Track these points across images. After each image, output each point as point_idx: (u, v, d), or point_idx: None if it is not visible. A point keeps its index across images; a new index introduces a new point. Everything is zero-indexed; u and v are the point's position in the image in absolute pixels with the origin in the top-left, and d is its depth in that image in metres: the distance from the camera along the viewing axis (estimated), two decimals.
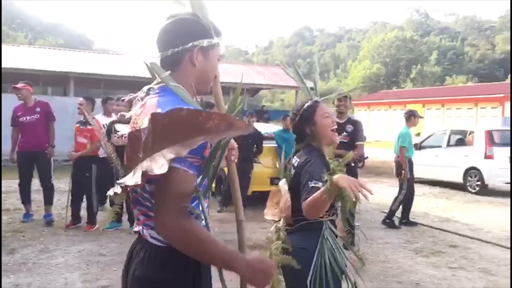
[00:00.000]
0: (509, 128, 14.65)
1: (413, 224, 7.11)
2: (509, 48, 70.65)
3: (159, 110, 1.36)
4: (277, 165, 8.15)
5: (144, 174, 1.23)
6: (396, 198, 7.14)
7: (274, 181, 8.24)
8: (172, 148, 1.23)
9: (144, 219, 1.48)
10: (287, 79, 18.84)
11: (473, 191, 10.59)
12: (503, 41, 72.89)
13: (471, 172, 10.77)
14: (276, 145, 8.34)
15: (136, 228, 1.54)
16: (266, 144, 8.29)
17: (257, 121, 13.28)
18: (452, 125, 19.33)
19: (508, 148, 10.58)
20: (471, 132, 11.35)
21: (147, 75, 1.62)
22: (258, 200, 8.32)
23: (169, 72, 1.50)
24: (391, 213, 7.07)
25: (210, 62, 1.58)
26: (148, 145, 1.27)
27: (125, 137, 1.55)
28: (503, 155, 10.37)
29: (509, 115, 28.11)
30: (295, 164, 2.41)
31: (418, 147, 11.17)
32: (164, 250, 1.43)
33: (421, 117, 7.55)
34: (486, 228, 7.03)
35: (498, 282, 4.62)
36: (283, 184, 2.41)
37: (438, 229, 6.94)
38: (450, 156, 11.29)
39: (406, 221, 7.12)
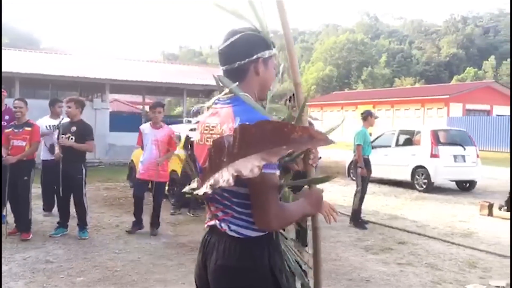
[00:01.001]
0: (453, 128, 15.29)
1: (364, 222, 7.27)
2: (453, 50, 73.81)
3: (237, 119, 1.57)
4: None
5: (234, 177, 1.38)
6: (355, 197, 7.28)
7: None
8: (260, 155, 1.39)
9: (223, 215, 1.67)
10: None
11: (420, 189, 10.99)
12: (447, 45, 76.04)
13: (419, 170, 11.17)
14: None
15: (211, 223, 1.73)
16: None
17: None
18: (401, 125, 19.98)
19: (452, 147, 11.07)
20: (418, 132, 11.77)
21: (97, 75, 1.62)
22: None
23: (237, 83, 1.68)
24: (356, 212, 7.19)
25: (270, 70, 1.81)
26: (233, 151, 1.43)
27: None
28: (448, 154, 10.85)
29: (453, 115, 29.42)
30: None
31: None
32: (243, 241, 1.63)
33: (377, 117, 7.76)
34: (432, 225, 7.31)
35: (444, 276, 4.81)
36: None
37: (388, 226, 7.15)
38: (398, 156, 11.67)
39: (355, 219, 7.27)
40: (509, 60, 62.39)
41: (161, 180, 6.39)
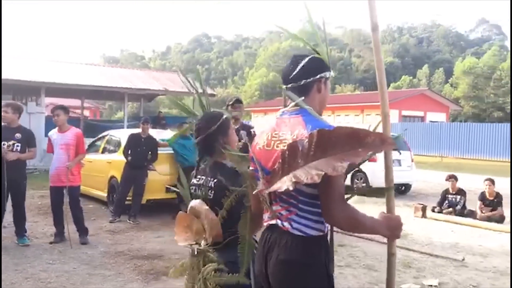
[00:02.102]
0: (390, 133, 15.89)
1: None
2: (390, 59, 76.84)
3: (309, 126, 1.80)
4: (176, 173, 8.00)
5: (319, 175, 1.59)
6: None
7: (169, 189, 8.08)
8: (340, 156, 1.60)
9: (287, 214, 1.84)
10: (185, 85, 18.67)
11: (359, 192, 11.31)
12: (385, 53, 79.01)
13: (358, 174, 11.49)
14: (172, 152, 8.18)
15: (271, 222, 1.89)
16: (162, 151, 8.11)
17: (154, 127, 13.02)
18: None
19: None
20: None
21: (31, 78, 1.56)
22: (152, 209, 8.13)
23: (303, 98, 1.94)
24: None
25: (328, 89, 2.06)
26: (309, 153, 1.64)
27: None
28: None
29: (390, 121, 30.62)
30: (211, 185, 2.34)
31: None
32: (304, 239, 1.81)
33: None
34: None
35: (381, 277, 4.95)
36: (200, 204, 2.29)
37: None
38: None
39: None
40: (441, 69, 65.88)
41: (73, 184, 6.12)
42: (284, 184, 1.67)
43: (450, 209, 8.66)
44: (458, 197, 8.78)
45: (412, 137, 25.08)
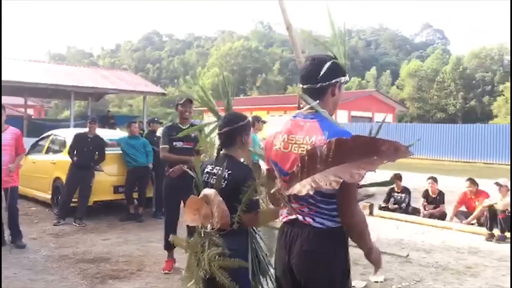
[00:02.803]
0: None
1: None
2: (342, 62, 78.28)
3: (325, 132, 1.93)
4: (124, 173, 7.81)
5: (337, 182, 1.75)
6: None
7: (119, 189, 7.89)
8: (358, 164, 1.74)
9: (308, 211, 2.00)
10: (135, 84, 18.28)
11: None
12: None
13: None
14: (121, 152, 7.98)
15: (291, 217, 2.06)
16: (110, 151, 7.89)
17: (102, 126, 12.66)
18: None
19: None
20: None
21: None
22: (99, 211, 7.90)
23: (317, 101, 2.04)
24: None
25: (341, 93, 2.15)
26: (327, 159, 1.78)
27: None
28: None
29: (340, 121, 31.28)
30: (225, 175, 2.53)
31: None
32: (326, 231, 1.98)
33: (264, 122, 7.90)
34: None
35: None
36: (215, 195, 2.46)
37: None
38: None
39: None
40: (388, 71, 68.05)
41: (14, 185, 5.85)
42: (304, 188, 1.82)
43: (396, 206, 8.95)
44: (403, 195, 9.08)
45: None
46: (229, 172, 2.54)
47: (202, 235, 2.47)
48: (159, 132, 7.62)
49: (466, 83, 56.32)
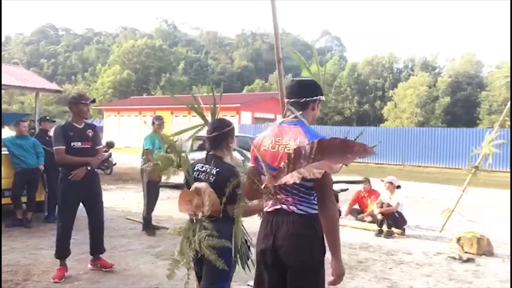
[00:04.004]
0: (241, 134, 16.42)
1: (157, 228, 7.23)
2: (244, 63, 79.72)
3: (308, 135, 2.37)
4: (11, 176, 7.19)
5: (320, 172, 2.21)
6: (144, 205, 7.15)
7: (4, 193, 7.25)
8: (334, 160, 2.17)
9: (292, 200, 2.40)
10: (27, 79, 16.98)
11: None
12: (239, 57, 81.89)
13: None
14: (7, 152, 7.34)
15: (276, 207, 2.45)
16: None
17: None
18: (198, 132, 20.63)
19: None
20: None
21: None
22: None
23: (301, 112, 2.51)
24: (146, 219, 7.06)
25: (318, 109, 2.64)
26: (311, 156, 2.20)
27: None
28: (238, 158, 11.56)
29: (244, 122, 31.75)
30: (213, 172, 2.98)
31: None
32: (307, 217, 2.40)
33: (163, 122, 7.70)
34: None
35: (239, 273, 5.04)
36: (206, 186, 2.92)
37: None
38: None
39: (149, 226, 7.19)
40: (290, 74, 70.35)
41: None
42: (292, 178, 2.25)
43: None
44: None
45: None
46: (217, 170, 2.99)
47: (194, 221, 2.93)
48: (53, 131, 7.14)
49: (360, 88, 60.11)
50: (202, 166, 3.08)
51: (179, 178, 3.33)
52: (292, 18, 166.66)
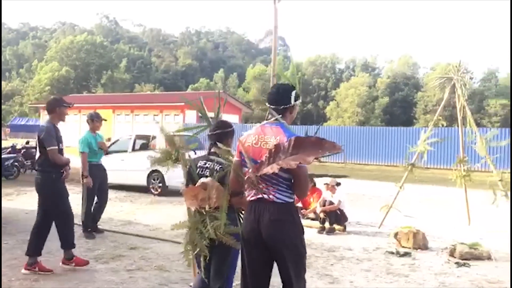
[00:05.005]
0: (186, 133, 16.22)
1: (99, 231, 6.98)
2: (189, 61, 78.87)
3: (287, 134, 2.80)
4: None
5: (296, 164, 2.66)
6: (82, 207, 6.88)
7: None
8: (308, 154, 2.63)
9: (272, 189, 2.81)
10: None
11: (156, 192, 11.28)
12: (184, 55, 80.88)
13: (154, 174, 11.43)
14: None
15: (258, 196, 2.84)
16: None
17: None
18: (141, 130, 20.20)
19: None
20: (154, 137, 12.06)
21: None
22: None
23: (280, 115, 2.94)
24: (85, 221, 6.79)
25: (295, 112, 3.06)
26: (288, 151, 2.66)
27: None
28: None
29: (188, 121, 31.41)
30: (216, 168, 3.35)
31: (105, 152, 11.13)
32: (285, 205, 2.83)
33: (104, 120, 7.45)
34: (164, 227, 7.51)
35: (171, 277, 4.96)
36: (212, 181, 3.26)
37: (120, 232, 7.04)
38: (135, 160, 11.68)
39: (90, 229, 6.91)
40: (235, 73, 70.45)
41: None
42: (271, 169, 2.68)
43: None
44: None
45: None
46: (220, 166, 3.37)
47: (204, 213, 3.27)
48: None
49: (304, 88, 61.10)
50: (205, 163, 3.46)
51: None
52: (237, 17, 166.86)
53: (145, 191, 11.44)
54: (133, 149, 12.11)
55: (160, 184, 11.32)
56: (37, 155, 5.23)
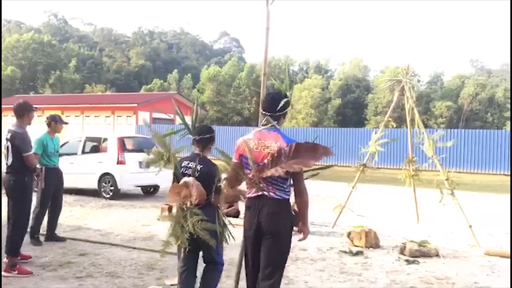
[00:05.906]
0: (139, 135, 15.89)
1: (61, 239, 6.69)
2: (142, 62, 77.47)
3: (285, 139, 3.26)
4: None
5: (297, 168, 3.17)
6: (33, 212, 6.55)
7: None
8: (307, 159, 3.14)
9: (272, 188, 3.24)
10: None
11: (107, 196, 10.95)
12: (136, 56, 79.38)
13: (105, 177, 11.10)
14: None
15: (259, 193, 3.27)
16: None
17: None
18: (91, 132, 19.58)
19: (138, 154, 11.14)
20: (105, 139, 11.70)
21: None
22: None
23: (276, 122, 3.37)
24: (33, 227, 6.45)
25: (286, 117, 3.56)
26: (289, 155, 3.12)
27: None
28: (134, 160, 11.06)
29: (142, 123, 30.83)
30: (198, 169, 3.81)
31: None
32: (282, 201, 3.27)
33: (66, 123, 7.15)
34: (116, 232, 7.32)
35: (123, 283, 4.82)
36: (193, 180, 3.71)
37: (70, 238, 6.78)
38: (85, 163, 11.31)
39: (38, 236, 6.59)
40: (189, 74, 69.80)
41: None
42: (277, 172, 3.11)
43: None
44: None
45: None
46: (201, 166, 3.81)
47: (185, 209, 3.65)
48: None
49: (259, 89, 61.30)
50: (188, 163, 3.85)
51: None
52: (191, 17, 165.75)
53: (96, 195, 11.10)
54: (83, 152, 11.71)
55: (112, 188, 11.01)
56: (10, 159, 5.12)
